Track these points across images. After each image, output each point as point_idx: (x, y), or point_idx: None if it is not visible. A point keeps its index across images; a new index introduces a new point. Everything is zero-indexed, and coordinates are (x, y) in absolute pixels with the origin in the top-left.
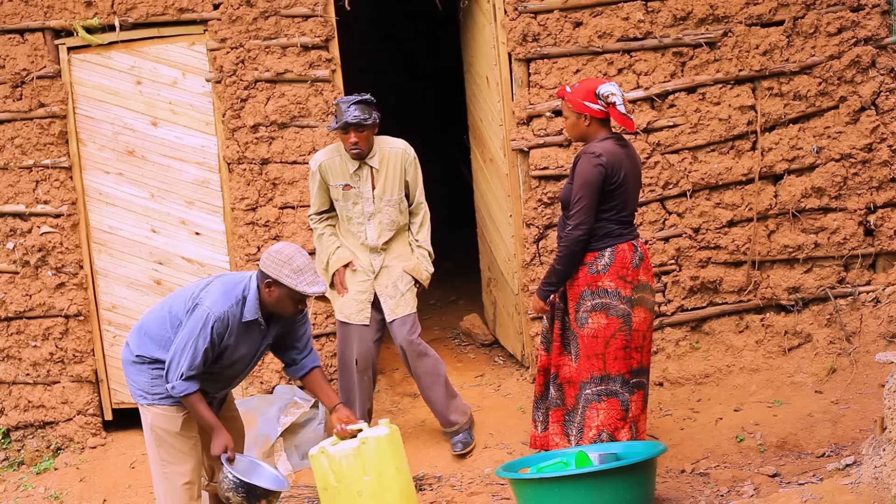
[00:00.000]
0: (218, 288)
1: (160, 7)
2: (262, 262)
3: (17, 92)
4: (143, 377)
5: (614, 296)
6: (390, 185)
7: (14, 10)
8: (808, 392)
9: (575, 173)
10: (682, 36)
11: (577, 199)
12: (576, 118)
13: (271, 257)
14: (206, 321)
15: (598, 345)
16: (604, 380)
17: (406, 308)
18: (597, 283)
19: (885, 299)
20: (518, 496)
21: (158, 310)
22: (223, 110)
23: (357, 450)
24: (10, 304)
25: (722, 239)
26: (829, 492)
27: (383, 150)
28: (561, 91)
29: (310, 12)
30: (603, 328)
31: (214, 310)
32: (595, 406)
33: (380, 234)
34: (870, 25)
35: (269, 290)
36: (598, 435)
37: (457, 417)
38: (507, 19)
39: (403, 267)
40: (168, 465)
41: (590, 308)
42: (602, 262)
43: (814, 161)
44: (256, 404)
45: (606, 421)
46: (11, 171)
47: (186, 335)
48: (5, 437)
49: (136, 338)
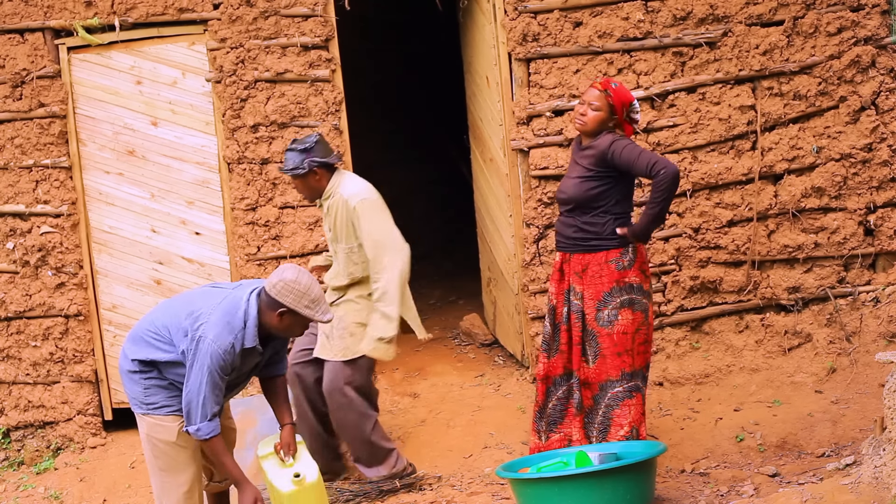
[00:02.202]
0: (219, 318)
1: (160, 7)
2: (278, 292)
3: (17, 92)
4: (137, 387)
5: (639, 291)
6: (339, 232)
7: (14, 10)
8: (808, 392)
9: (623, 154)
10: (681, 36)
11: (642, 153)
12: (608, 115)
13: (288, 288)
14: (214, 356)
15: (627, 341)
16: (633, 376)
17: (330, 353)
18: (624, 280)
19: (884, 299)
20: (518, 496)
21: (149, 319)
22: (223, 110)
23: (291, 494)
24: (10, 304)
25: (722, 239)
26: (828, 492)
27: (335, 194)
28: (605, 83)
29: (310, 12)
30: (630, 324)
31: (220, 343)
32: (627, 403)
33: (335, 276)
34: (870, 25)
35: (281, 318)
36: (630, 432)
37: (373, 474)
38: (507, 19)
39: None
40: (166, 475)
41: (619, 305)
42: (627, 258)
43: (814, 161)
44: (257, 404)
45: (636, 417)
46: (11, 171)
47: (198, 374)
48: (5, 437)
49: (132, 344)
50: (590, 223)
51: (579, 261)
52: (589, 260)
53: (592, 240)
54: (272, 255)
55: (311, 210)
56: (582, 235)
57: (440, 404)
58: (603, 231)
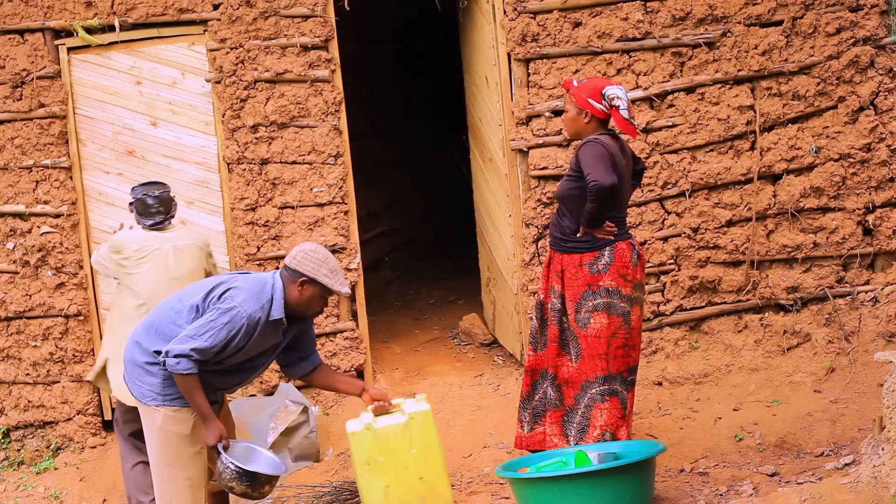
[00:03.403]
0: (248, 286)
1: (160, 7)
2: (297, 262)
3: (17, 92)
4: (155, 378)
5: (615, 294)
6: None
7: (14, 10)
8: (807, 391)
9: (581, 157)
10: (680, 36)
11: (593, 163)
12: (576, 113)
13: (308, 257)
14: (236, 318)
15: (601, 344)
16: (607, 379)
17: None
18: (598, 283)
19: (883, 299)
20: (517, 496)
21: (167, 306)
22: (223, 110)
23: (405, 424)
24: (10, 304)
25: (721, 239)
26: (827, 491)
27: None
28: (567, 83)
29: (309, 12)
30: (605, 328)
31: (246, 308)
32: (599, 406)
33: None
34: (868, 25)
35: (301, 288)
36: (601, 434)
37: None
38: (507, 19)
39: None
40: (174, 469)
41: (591, 308)
42: (602, 262)
43: (812, 161)
44: (247, 409)
45: (609, 420)
46: (11, 171)
47: (209, 321)
48: (5, 437)
49: (146, 335)
50: (566, 224)
51: (559, 261)
52: (567, 261)
53: (568, 241)
54: (272, 255)
55: (310, 210)
56: (560, 235)
57: (440, 404)
58: (577, 234)
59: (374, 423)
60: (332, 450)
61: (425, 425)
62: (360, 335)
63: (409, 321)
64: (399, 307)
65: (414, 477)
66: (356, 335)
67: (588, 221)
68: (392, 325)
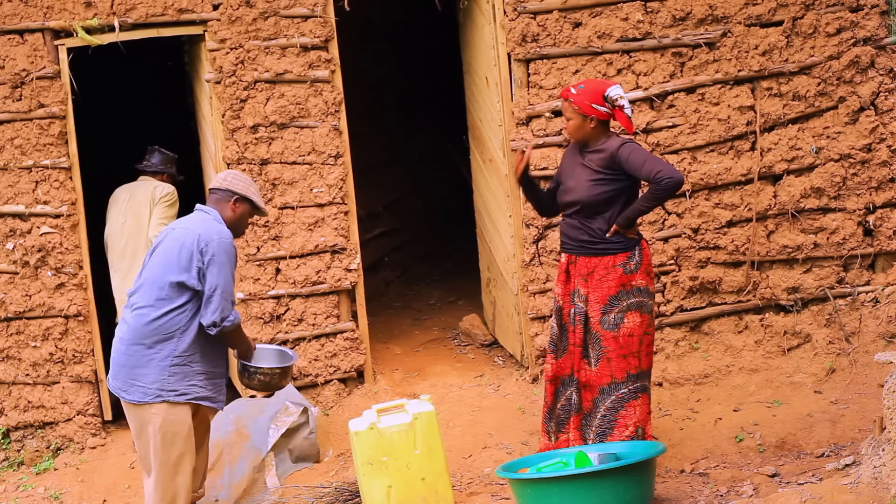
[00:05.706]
0: (209, 225)
1: (160, 8)
2: (229, 182)
3: (17, 92)
4: (161, 374)
5: (646, 293)
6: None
7: (14, 10)
8: (808, 392)
9: (631, 159)
10: (681, 36)
11: (654, 160)
12: (581, 120)
13: (238, 177)
14: (228, 251)
15: (635, 343)
16: (640, 377)
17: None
18: (631, 283)
19: (884, 299)
20: (517, 496)
21: (149, 281)
22: (223, 111)
23: (409, 425)
24: (10, 305)
25: (721, 239)
26: (828, 492)
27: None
28: (565, 92)
29: (309, 13)
30: (638, 326)
31: (225, 236)
32: (633, 404)
33: None
34: (869, 26)
35: (234, 206)
36: (634, 432)
37: None
38: (507, 20)
39: None
40: (175, 462)
41: (625, 308)
42: (634, 262)
43: (813, 161)
44: (247, 410)
45: (641, 417)
46: (11, 171)
47: (220, 271)
48: (5, 438)
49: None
50: (597, 226)
51: (585, 264)
52: (596, 263)
53: (600, 243)
54: (272, 255)
55: (310, 210)
56: (589, 238)
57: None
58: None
59: (378, 422)
60: (332, 451)
61: (429, 426)
62: (360, 336)
63: (409, 322)
64: (399, 308)
65: (417, 477)
66: (356, 336)
67: (630, 221)
68: (392, 325)
